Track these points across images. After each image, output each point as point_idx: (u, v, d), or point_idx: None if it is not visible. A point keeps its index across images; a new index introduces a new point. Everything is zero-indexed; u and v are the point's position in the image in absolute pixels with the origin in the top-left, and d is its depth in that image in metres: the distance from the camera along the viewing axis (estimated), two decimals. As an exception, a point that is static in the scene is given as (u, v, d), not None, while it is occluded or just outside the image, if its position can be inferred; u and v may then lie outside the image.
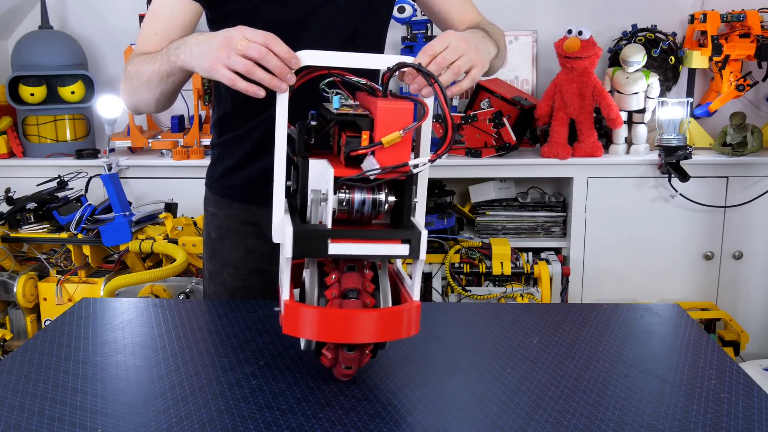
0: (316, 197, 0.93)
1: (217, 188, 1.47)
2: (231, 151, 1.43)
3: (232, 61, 0.99)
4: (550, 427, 0.89)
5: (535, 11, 2.86)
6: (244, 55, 0.98)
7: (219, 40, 1.01)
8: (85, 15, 3.02)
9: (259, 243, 1.42)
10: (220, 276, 1.45)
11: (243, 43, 0.98)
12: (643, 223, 2.59)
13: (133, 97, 1.27)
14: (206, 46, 1.04)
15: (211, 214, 1.48)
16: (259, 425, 0.90)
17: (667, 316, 1.26)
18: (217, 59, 1.00)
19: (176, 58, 1.12)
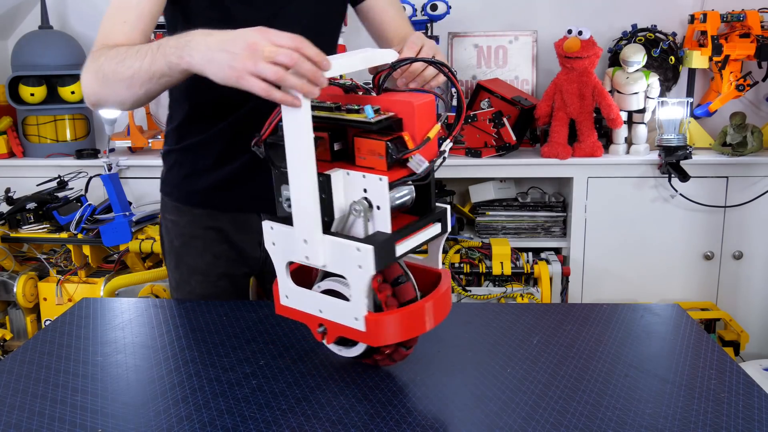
0: (363, 207, 0.90)
1: (177, 195, 1.43)
2: (191, 158, 1.39)
3: (261, 69, 0.89)
4: (550, 427, 0.89)
5: (535, 11, 2.86)
6: (273, 62, 0.89)
7: (241, 46, 0.92)
8: (85, 15, 3.02)
9: (225, 248, 1.41)
10: (188, 284, 1.42)
11: (271, 49, 0.89)
12: (643, 223, 2.59)
13: (102, 92, 1.14)
14: (224, 51, 0.94)
15: (171, 221, 1.44)
16: (259, 425, 0.90)
17: (667, 316, 1.26)
18: (243, 68, 0.91)
19: (179, 60, 1.01)
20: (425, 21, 2.69)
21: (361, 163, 0.92)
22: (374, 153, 0.90)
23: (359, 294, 0.91)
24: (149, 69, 1.06)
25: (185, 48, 1.01)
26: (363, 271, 0.89)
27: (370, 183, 0.91)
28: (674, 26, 2.80)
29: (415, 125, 0.91)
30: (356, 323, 0.92)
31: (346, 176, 0.93)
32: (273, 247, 0.99)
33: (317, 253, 0.92)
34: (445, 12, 2.67)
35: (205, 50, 0.97)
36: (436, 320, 0.96)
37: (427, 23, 2.70)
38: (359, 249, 0.88)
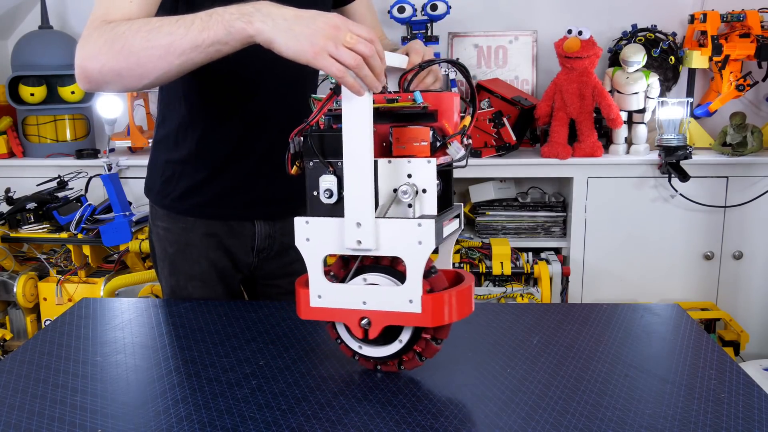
0: (411, 191, 0.94)
1: (177, 207, 1.39)
2: (189, 169, 1.36)
3: (340, 53, 0.90)
4: (550, 427, 0.89)
5: (535, 11, 2.87)
6: (352, 49, 0.91)
7: (323, 26, 0.92)
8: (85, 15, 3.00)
9: (219, 254, 1.40)
10: (185, 290, 1.41)
11: (352, 37, 0.91)
12: (643, 223, 2.59)
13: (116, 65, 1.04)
14: (304, 26, 0.93)
15: (164, 229, 1.41)
16: (259, 425, 0.90)
17: (667, 316, 1.26)
18: (324, 47, 0.91)
19: (246, 25, 0.97)
20: (425, 21, 2.69)
21: (401, 152, 0.96)
22: (416, 140, 0.95)
23: (416, 272, 0.93)
24: (198, 35, 1.00)
25: (255, 14, 0.97)
26: (423, 247, 0.91)
27: (416, 167, 0.95)
28: (674, 26, 2.80)
29: (448, 116, 0.98)
30: (411, 306, 0.93)
31: (388, 164, 0.96)
32: (307, 243, 0.98)
33: (370, 236, 0.93)
34: (445, 12, 2.67)
35: (281, 20, 0.95)
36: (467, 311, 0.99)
37: (427, 23, 2.70)
38: (420, 224, 0.91)
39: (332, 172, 0.96)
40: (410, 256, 0.93)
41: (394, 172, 0.96)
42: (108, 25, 1.06)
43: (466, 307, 0.97)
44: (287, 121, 1.38)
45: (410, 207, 0.94)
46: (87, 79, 1.08)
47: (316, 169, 0.97)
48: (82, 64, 1.07)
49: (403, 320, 0.95)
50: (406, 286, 0.93)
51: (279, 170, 1.40)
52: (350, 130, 0.92)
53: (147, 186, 1.45)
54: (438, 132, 0.96)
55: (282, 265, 1.46)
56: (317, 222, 0.97)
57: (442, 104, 0.98)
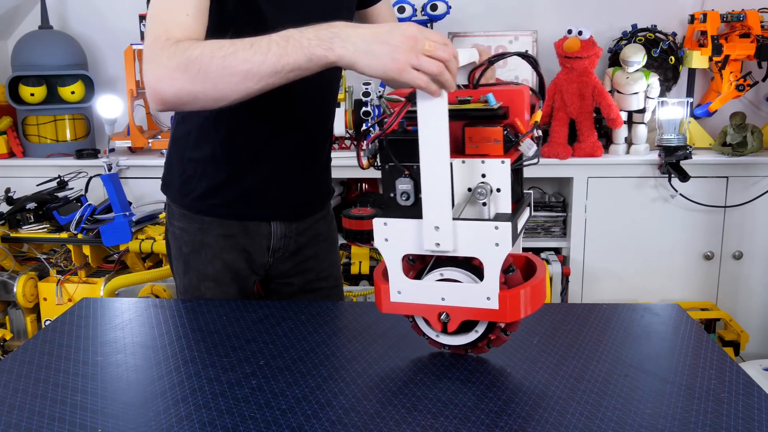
0: (486, 190, 0.95)
1: (195, 207, 1.38)
2: (212, 169, 1.35)
3: (423, 63, 0.91)
4: (550, 427, 0.89)
5: (535, 11, 2.87)
6: (432, 56, 0.91)
7: (401, 39, 0.93)
8: (85, 15, 3.02)
9: (234, 255, 1.39)
10: (197, 290, 1.40)
11: (431, 44, 0.92)
12: (643, 223, 2.59)
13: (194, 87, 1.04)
14: (383, 43, 0.94)
15: (180, 228, 1.40)
16: (259, 425, 0.90)
17: (667, 316, 1.26)
18: (406, 60, 0.92)
19: (327, 52, 0.97)
20: (425, 21, 2.69)
21: (473, 152, 0.97)
22: (489, 139, 0.96)
23: (494, 272, 0.95)
24: (277, 62, 1.00)
25: (334, 39, 0.98)
26: (500, 249, 0.94)
27: (490, 167, 0.96)
28: (674, 26, 2.80)
29: (522, 112, 0.99)
30: (488, 303, 0.96)
31: (462, 164, 0.97)
32: (386, 243, 1.00)
33: (449, 239, 0.95)
34: (445, 12, 2.67)
35: (361, 42, 0.96)
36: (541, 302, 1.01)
37: (427, 23, 2.70)
38: (497, 227, 0.93)
39: (408, 175, 0.97)
40: (488, 256, 0.95)
41: (468, 171, 0.97)
42: (176, 45, 1.05)
43: (540, 299, 1.00)
44: (312, 124, 1.39)
45: (485, 206, 0.96)
46: (161, 101, 1.08)
47: (392, 172, 0.98)
48: (156, 87, 1.06)
49: (481, 315, 0.98)
50: (484, 284, 0.96)
51: (301, 173, 1.41)
52: (427, 133, 0.92)
53: (165, 183, 1.44)
54: (510, 130, 0.97)
55: (295, 264, 1.46)
56: (395, 223, 0.99)
57: (514, 101, 0.99)
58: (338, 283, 1.55)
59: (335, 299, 1.53)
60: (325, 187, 1.50)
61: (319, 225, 1.48)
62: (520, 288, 0.97)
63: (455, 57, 0.94)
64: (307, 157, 1.41)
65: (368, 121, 2.57)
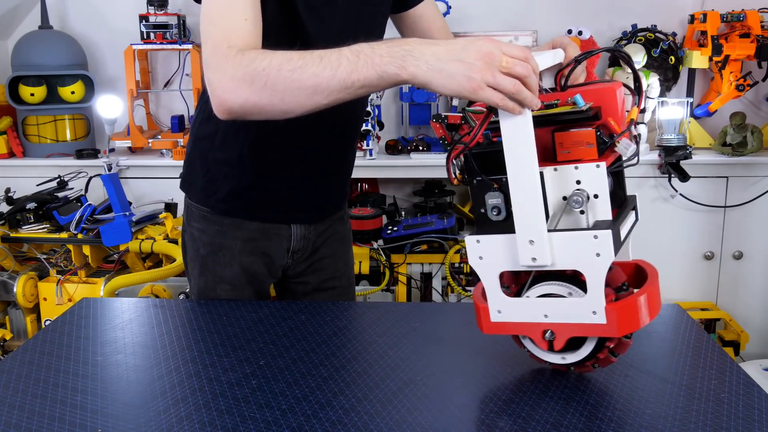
0: (583, 198, 0.90)
1: (218, 207, 1.36)
2: (238, 171, 1.33)
3: (499, 81, 0.87)
4: (551, 427, 0.89)
5: (535, 11, 2.86)
6: (509, 73, 0.88)
7: (476, 56, 0.89)
8: (85, 15, 3.02)
9: (253, 259, 1.38)
10: (213, 292, 1.39)
11: (508, 60, 0.88)
12: (642, 223, 2.58)
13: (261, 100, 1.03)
14: (458, 61, 0.90)
15: (198, 230, 1.39)
16: (259, 425, 0.90)
17: (667, 316, 1.26)
18: (482, 79, 0.88)
19: (399, 70, 0.95)
20: (425, 21, 2.68)
21: (565, 158, 0.92)
22: (581, 143, 0.91)
23: (597, 284, 0.89)
24: (347, 78, 0.98)
25: (407, 57, 0.95)
26: (602, 259, 0.88)
27: (584, 173, 0.91)
28: (674, 26, 2.80)
29: (616, 110, 0.93)
30: (595, 317, 0.91)
31: (554, 172, 0.92)
32: (480, 262, 0.96)
33: (545, 252, 0.90)
34: (445, 12, 2.67)
35: (435, 61, 0.93)
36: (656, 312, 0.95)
37: (428, 23, 2.69)
38: (597, 236, 0.87)
39: (498, 189, 0.92)
40: (589, 268, 0.89)
41: (562, 179, 0.92)
42: (242, 55, 1.04)
43: (654, 309, 0.94)
44: (341, 129, 1.37)
45: (583, 214, 0.91)
46: (227, 111, 1.07)
47: (480, 187, 0.93)
48: (222, 96, 1.05)
49: (588, 331, 0.93)
50: (588, 297, 0.91)
51: (327, 177, 1.40)
52: (513, 149, 0.88)
53: (186, 182, 1.41)
54: (604, 131, 0.91)
55: (312, 263, 1.46)
56: (488, 240, 0.94)
57: (605, 99, 0.93)
58: (351, 282, 1.55)
59: (348, 298, 1.53)
60: (346, 189, 1.50)
61: (336, 224, 1.48)
62: (626, 299, 0.91)
63: (535, 72, 0.89)
64: (333, 162, 1.40)
65: (368, 121, 2.57)
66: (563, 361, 0.99)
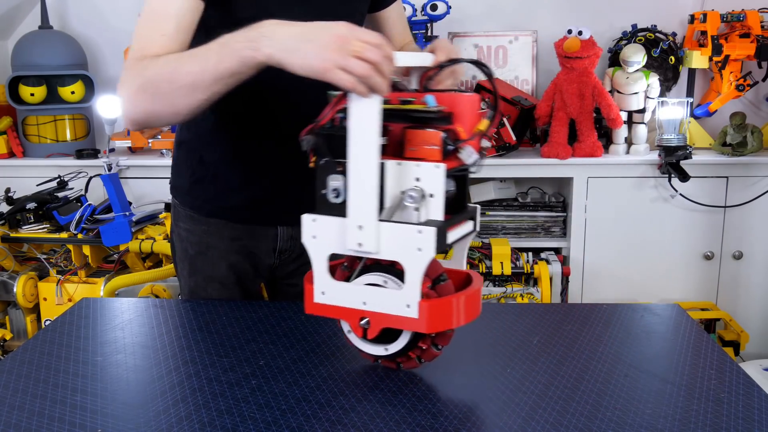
0: (418, 194, 0.92)
1: (204, 209, 1.37)
2: (222, 173, 1.34)
3: (350, 64, 0.89)
4: (550, 427, 0.89)
5: (535, 11, 2.86)
6: (360, 57, 0.89)
7: (328, 38, 0.91)
8: (85, 15, 3.02)
9: (240, 258, 1.38)
10: (204, 291, 1.40)
11: (361, 45, 0.90)
12: (643, 223, 2.59)
13: (154, 107, 1.07)
14: (310, 42, 0.93)
15: (185, 230, 1.40)
16: (259, 425, 0.90)
17: (667, 316, 1.26)
18: (331, 59, 0.90)
19: (255, 52, 0.97)
20: (425, 21, 2.68)
21: (412, 155, 0.95)
22: (428, 143, 0.94)
23: (415, 279, 0.92)
24: (215, 69, 1.01)
25: (261, 39, 0.97)
26: (422, 254, 0.90)
27: (424, 172, 0.93)
28: (674, 26, 2.80)
29: (465, 119, 0.95)
30: (408, 311, 0.93)
31: (397, 166, 0.95)
32: (313, 241, 0.98)
33: (371, 239, 0.93)
34: (445, 12, 2.67)
35: (287, 40, 0.95)
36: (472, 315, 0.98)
37: (427, 23, 2.70)
38: (421, 231, 0.90)
39: (341, 172, 0.94)
40: (409, 261, 0.92)
41: (403, 174, 0.94)
42: (138, 64, 1.08)
43: (471, 312, 0.97)
44: None
45: (417, 211, 0.93)
46: (133, 122, 1.11)
47: (325, 168, 0.96)
48: (126, 109, 1.10)
49: (401, 324, 0.95)
50: (404, 290, 0.93)
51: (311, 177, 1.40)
52: (356, 133, 0.91)
53: (173, 186, 1.43)
54: (452, 136, 0.94)
55: (300, 264, 1.46)
56: (323, 220, 0.97)
57: (459, 107, 0.95)
58: None
59: None
60: None
61: None
62: (443, 298, 0.94)
63: (389, 59, 0.91)
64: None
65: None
66: (386, 353, 1.01)
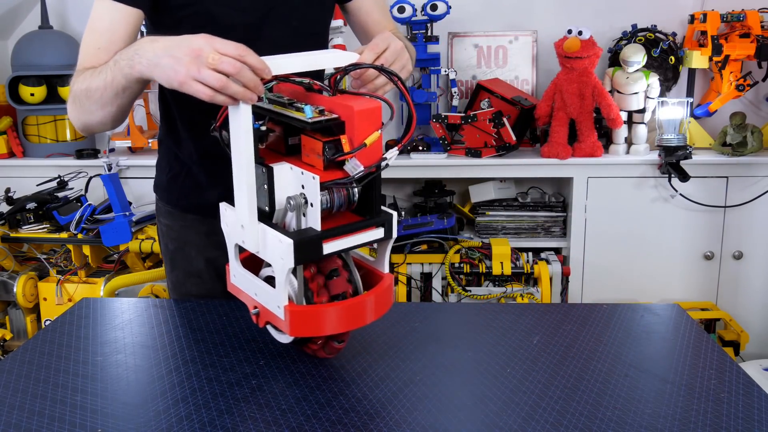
0: (297, 202, 0.94)
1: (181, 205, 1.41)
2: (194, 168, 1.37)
3: (204, 76, 0.92)
4: (550, 427, 0.89)
5: (535, 11, 2.86)
6: (216, 69, 0.92)
7: (185, 51, 0.94)
8: (85, 15, 3.00)
9: (218, 253, 1.38)
10: (184, 286, 1.43)
11: (215, 57, 0.92)
12: (643, 223, 2.59)
13: (83, 118, 1.18)
14: (169, 56, 0.96)
15: (165, 226, 1.44)
16: (259, 425, 0.90)
17: (667, 316, 1.26)
18: (186, 73, 0.94)
19: (131, 69, 1.04)
20: (425, 21, 2.68)
21: (306, 160, 0.97)
22: (314, 152, 0.95)
23: (281, 282, 0.95)
24: (111, 85, 1.09)
25: (134, 56, 1.04)
26: (284, 262, 0.93)
27: (306, 180, 0.94)
28: (674, 26, 2.80)
29: (355, 129, 0.93)
30: (278, 311, 0.96)
31: (290, 170, 0.96)
32: (225, 228, 1.04)
33: (251, 239, 0.97)
34: (445, 12, 2.67)
35: (152, 56, 1.00)
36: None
37: (427, 23, 2.70)
38: (281, 241, 0.92)
39: None
40: (276, 266, 0.95)
41: (293, 180, 0.96)
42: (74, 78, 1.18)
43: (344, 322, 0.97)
44: None
45: (304, 216, 0.95)
46: (80, 131, 1.24)
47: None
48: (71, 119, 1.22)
49: (275, 321, 0.98)
50: (276, 292, 0.96)
51: None
52: (234, 138, 0.95)
53: (155, 182, 1.48)
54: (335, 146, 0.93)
55: None
56: (230, 211, 1.01)
57: (347, 116, 0.94)
58: None
59: None
60: None
61: None
62: (309, 306, 0.96)
63: (254, 67, 0.92)
64: None
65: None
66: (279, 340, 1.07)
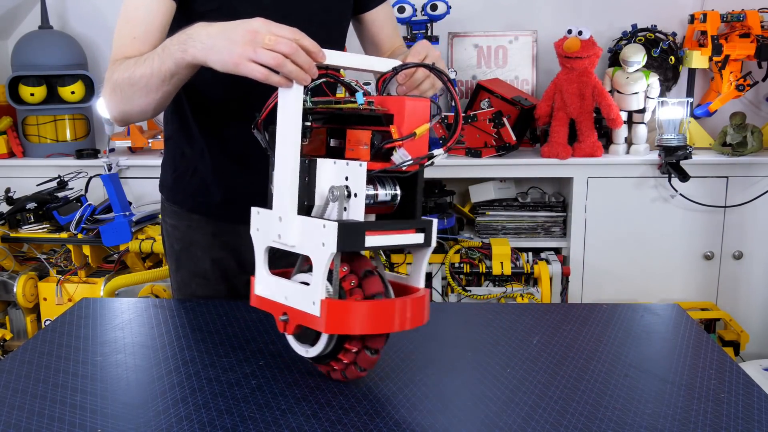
0: (340, 192, 0.92)
1: (187, 205, 1.41)
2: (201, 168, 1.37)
3: (260, 55, 0.94)
4: (550, 427, 0.89)
5: (535, 11, 2.86)
6: (272, 50, 0.94)
7: (241, 33, 0.96)
8: (85, 15, 3.02)
9: (224, 254, 1.40)
10: (189, 287, 1.43)
11: (271, 38, 0.94)
12: (643, 223, 2.59)
13: (123, 107, 1.18)
14: (225, 39, 0.98)
15: (171, 225, 1.44)
16: (259, 425, 0.90)
17: (667, 316, 1.26)
18: (242, 54, 0.96)
19: (184, 54, 1.04)
20: (425, 21, 2.69)
21: (350, 155, 0.97)
22: (361, 143, 0.95)
23: (319, 274, 0.91)
24: (159, 72, 1.09)
25: (188, 41, 1.04)
26: (325, 249, 0.90)
27: (351, 170, 0.93)
28: (674, 26, 2.80)
29: (404, 121, 0.94)
30: (313, 308, 0.91)
31: (333, 165, 0.95)
32: (256, 233, 1.01)
33: (289, 232, 0.94)
34: (445, 12, 2.67)
35: (206, 39, 1.01)
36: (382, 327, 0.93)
37: (427, 23, 2.70)
38: (325, 226, 0.90)
39: None
40: (315, 256, 0.91)
41: (337, 173, 0.95)
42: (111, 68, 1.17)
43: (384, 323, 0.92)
44: None
45: (345, 210, 0.93)
46: (114, 120, 1.22)
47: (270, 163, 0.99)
48: (108, 109, 1.21)
49: (310, 321, 0.92)
50: (311, 287, 0.92)
51: None
52: (281, 123, 0.95)
53: (160, 181, 1.47)
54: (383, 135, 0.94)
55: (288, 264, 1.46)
56: (265, 213, 0.99)
57: (395, 109, 0.94)
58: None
59: None
60: None
61: None
62: (347, 300, 0.92)
63: (308, 49, 0.94)
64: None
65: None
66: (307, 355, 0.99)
